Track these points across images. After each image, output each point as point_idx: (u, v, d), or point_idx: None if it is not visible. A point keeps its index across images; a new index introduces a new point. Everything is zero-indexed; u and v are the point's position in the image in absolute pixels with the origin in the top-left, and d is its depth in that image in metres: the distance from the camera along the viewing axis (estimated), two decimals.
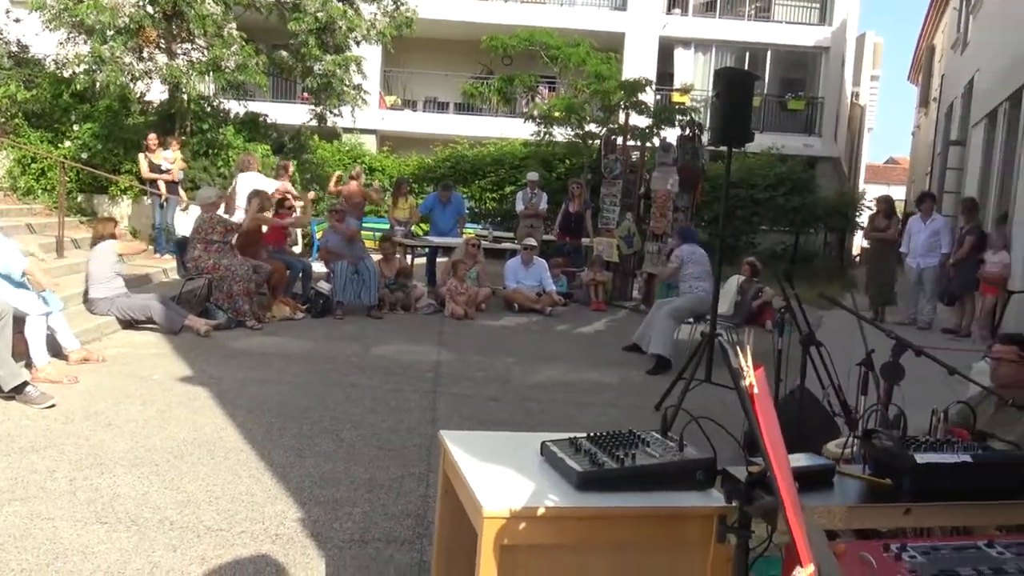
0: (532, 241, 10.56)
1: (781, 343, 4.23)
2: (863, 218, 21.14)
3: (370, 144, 19.25)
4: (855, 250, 24.87)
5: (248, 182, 9.72)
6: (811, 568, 1.23)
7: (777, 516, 1.51)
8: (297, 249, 12.19)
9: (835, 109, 21.93)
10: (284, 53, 13.40)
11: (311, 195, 11.37)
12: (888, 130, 50.64)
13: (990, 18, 13.25)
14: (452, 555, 2.47)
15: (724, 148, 5.57)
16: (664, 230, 10.29)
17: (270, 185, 10.20)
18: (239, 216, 8.88)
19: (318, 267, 10.09)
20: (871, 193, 31.20)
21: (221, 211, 8.40)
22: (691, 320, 7.60)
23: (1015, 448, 1.95)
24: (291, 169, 11.46)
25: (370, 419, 5.29)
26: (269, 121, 14.48)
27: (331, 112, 13.66)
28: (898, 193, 37.15)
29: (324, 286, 8.93)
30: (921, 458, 1.84)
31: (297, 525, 3.64)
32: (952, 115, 16.96)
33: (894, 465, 1.88)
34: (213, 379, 5.95)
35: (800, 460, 1.96)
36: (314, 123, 13.99)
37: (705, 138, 11.15)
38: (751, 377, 1.24)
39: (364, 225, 11.91)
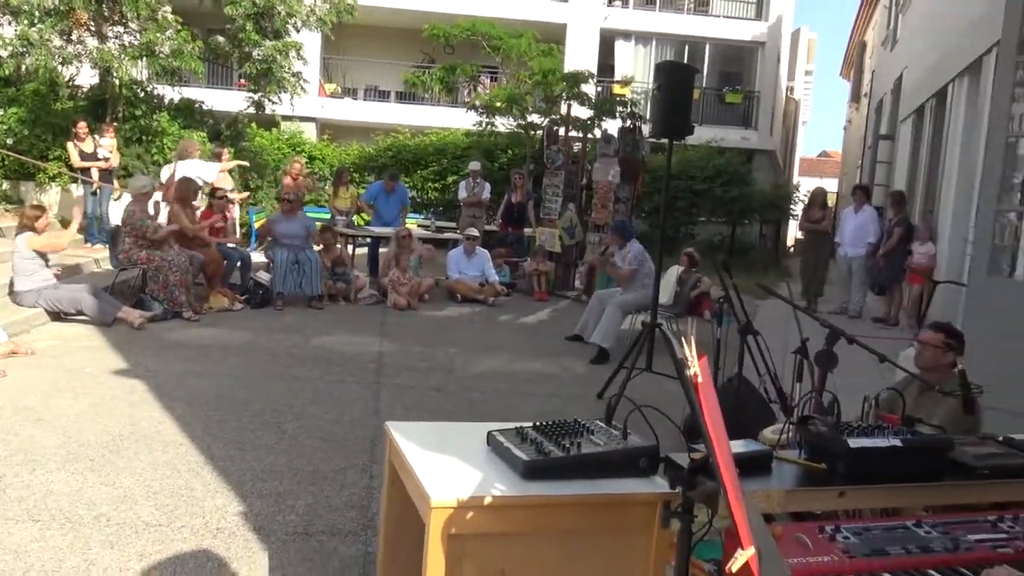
0: (474, 231, 10.56)
1: (720, 332, 4.33)
2: (798, 210, 21.70)
3: (310, 132, 18.97)
4: (790, 241, 25.49)
5: (188, 169, 9.49)
6: (752, 550, 1.27)
7: (718, 501, 1.55)
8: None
9: (771, 103, 22.40)
10: (221, 38, 13.11)
11: (243, 195, 11.14)
12: (821, 124, 52.00)
13: (918, 16, 13.69)
14: (398, 546, 2.47)
15: (664, 140, 5.65)
16: (606, 221, 10.39)
17: (210, 172, 9.98)
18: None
19: (257, 257, 9.92)
20: (805, 185, 31.95)
21: (159, 197, 8.20)
22: (634, 312, 7.69)
23: (941, 432, 2.05)
24: (226, 156, 11.19)
25: (312, 411, 5.24)
26: (205, 108, 14.15)
27: (269, 99, 13.42)
28: (831, 185, 38.08)
29: (263, 276, 8.80)
30: (854, 443, 1.92)
31: (239, 519, 3.60)
32: (882, 110, 17.50)
33: (828, 450, 1.95)
34: (149, 372, 5.82)
35: (739, 446, 2.02)
36: (252, 110, 13.72)
37: (646, 130, 11.29)
38: (696, 367, 1.28)
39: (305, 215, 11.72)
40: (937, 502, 2.00)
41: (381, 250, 11.18)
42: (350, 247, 11.02)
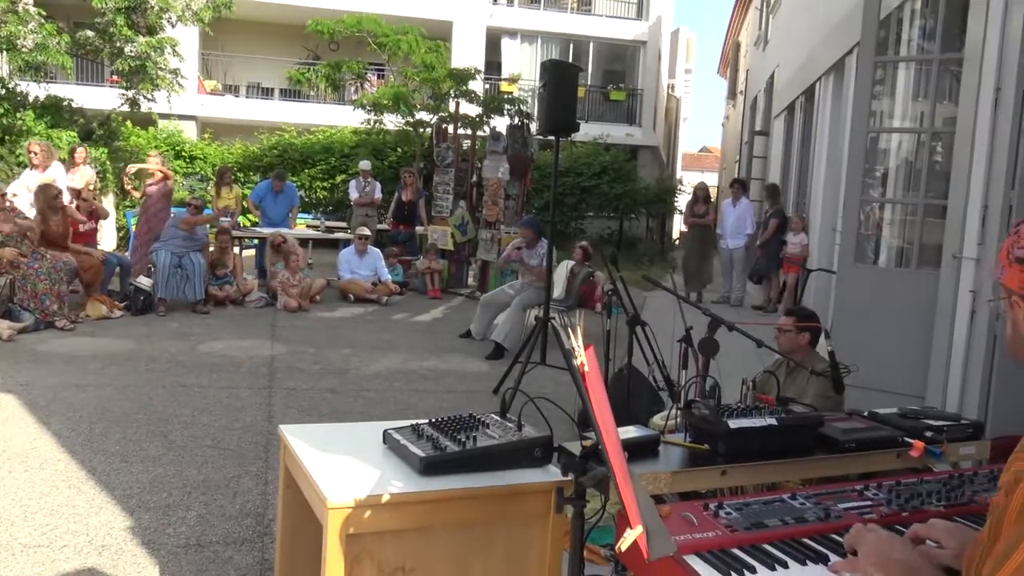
0: (366, 231, 10.46)
1: (609, 324, 4.45)
2: (681, 204, 22.42)
3: (190, 131, 18.29)
4: (675, 234, 26.32)
5: (47, 176, 8.97)
6: (640, 529, 1.33)
7: (609, 485, 1.62)
8: (111, 244, 11.42)
9: (653, 100, 23.08)
10: (90, 32, 12.46)
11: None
12: (702, 121, 53.92)
13: (787, 18, 14.39)
14: (296, 550, 2.45)
15: (552, 137, 5.76)
16: (496, 218, 10.48)
17: (79, 179, 9.49)
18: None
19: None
20: (687, 180, 33.03)
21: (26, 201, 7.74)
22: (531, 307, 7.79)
23: (812, 410, 2.19)
24: (83, 156, 10.50)
25: (202, 419, 5.09)
26: (75, 106, 13.43)
27: (145, 97, 12.87)
28: (711, 179, 39.54)
29: (144, 281, 8.44)
30: (734, 424, 2.02)
31: (126, 534, 3.46)
32: (756, 107, 18.30)
33: (711, 432, 2.05)
34: (22, 386, 5.50)
35: (628, 432, 2.10)
36: (126, 108, 13.12)
37: (534, 128, 11.44)
38: (582, 357, 1.33)
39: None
40: (811, 475, 2.14)
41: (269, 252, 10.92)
42: (237, 248, 10.71)
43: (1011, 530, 1.16)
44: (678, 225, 31.62)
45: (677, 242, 25.36)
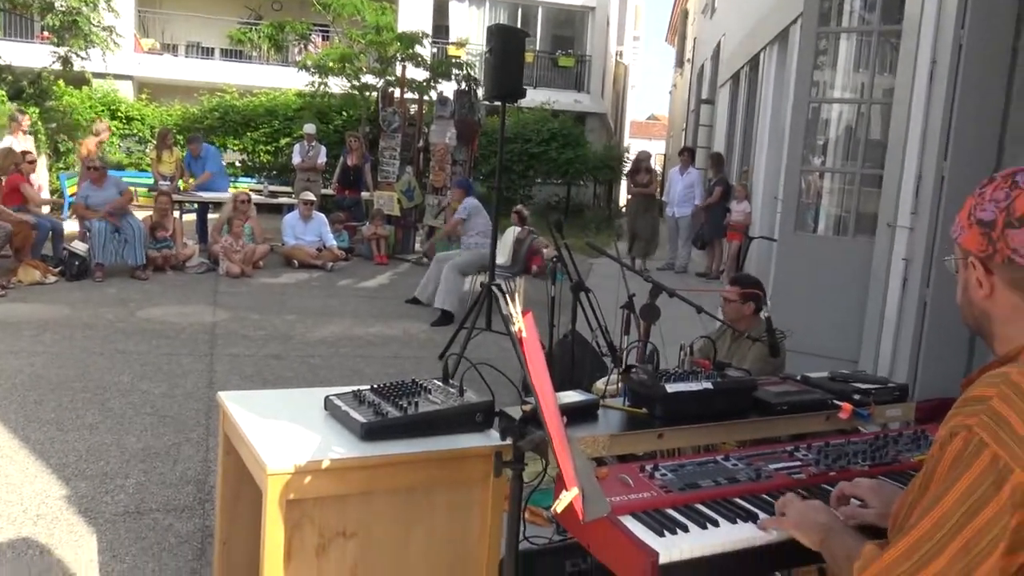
0: (310, 195, 10.30)
1: (554, 290, 4.48)
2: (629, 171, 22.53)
3: (126, 91, 17.71)
4: (622, 201, 26.46)
5: None
6: (575, 491, 1.36)
7: (547, 449, 1.64)
8: (45, 209, 11.04)
9: (601, 67, 23.06)
10: None
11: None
12: (650, 88, 54.08)
13: None
14: (236, 517, 2.44)
15: (498, 103, 5.72)
16: (444, 183, 10.42)
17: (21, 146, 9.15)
18: None
19: (71, 225, 9.25)
20: (636, 147, 33.16)
21: None
22: (475, 273, 7.81)
23: (747, 374, 2.24)
24: (26, 122, 10.19)
25: (141, 386, 5.00)
26: (3, 63, 12.88)
27: (77, 55, 12.40)
28: (659, 147, 39.79)
29: (80, 246, 8.21)
30: (671, 388, 2.06)
31: (62, 503, 3.41)
32: (703, 76, 18.43)
33: (648, 395, 2.09)
34: None
35: (569, 396, 2.13)
36: (58, 66, 12.63)
37: (481, 93, 11.34)
38: (520, 323, 1.34)
39: (124, 180, 10.98)
40: (744, 437, 2.20)
41: (210, 216, 10.71)
42: (177, 213, 10.45)
43: (940, 482, 1.21)
44: (624, 192, 31.87)
45: (624, 209, 25.59)
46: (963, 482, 1.17)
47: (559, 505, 1.34)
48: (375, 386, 2.32)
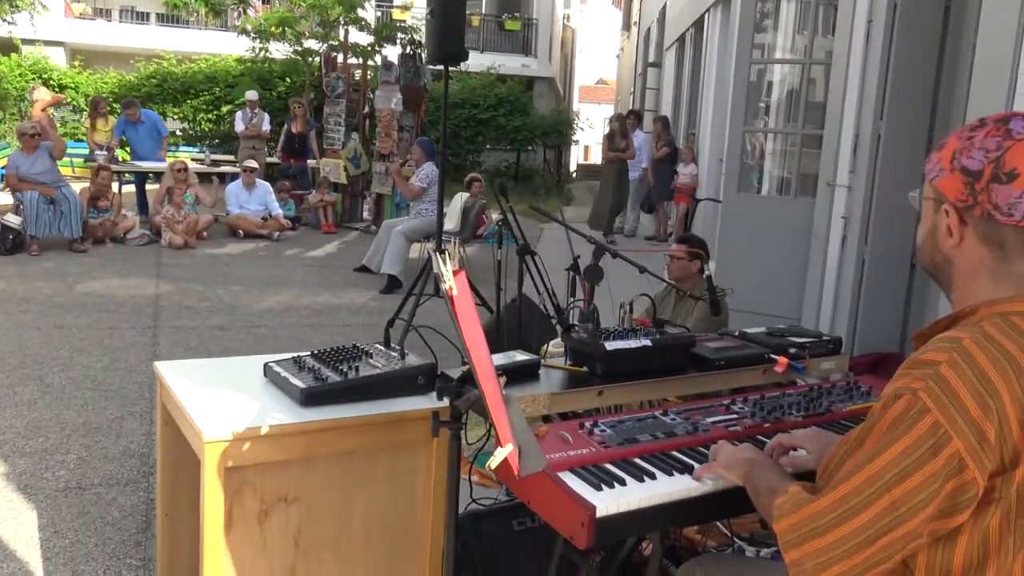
0: (253, 163, 10.10)
1: (500, 254, 4.48)
2: (579, 136, 22.51)
3: (58, 58, 17.07)
4: (572, 166, 26.47)
5: None
6: (510, 447, 1.37)
7: (486, 408, 1.64)
8: None
9: (548, 30, 22.90)
10: None
11: None
12: (597, 52, 53.80)
13: None
14: (178, 488, 2.40)
15: (450, 68, 5.64)
16: (390, 150, 10.28)
17: None
18: None
19: (5, 198, 8.94)
20: (585, 112, 33.08)
21: None
22: (423, 239, 7.75)
23: (685, 331, 2.27)
24: None
25: (81, 360, 4.89)
26: None
27: (3, 19, 11.90)
28: (608, 112, 39.79)
29: (13, 219, 7.94)
30: (610, 345, 2.08)
31: (0, 480, 3.33)
32: (649, 39, 18.42)
33: (588, 354, 2.10)
34: None
35: (511, 356, 2.14)
36: None
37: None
38: (450, 281, 1.34)
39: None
40: (683, 392, 2.23)
41: (149, 187, 10.44)
42: (116, 184, 10.16)
43: (878, 440, 1.22)
44: (575, 158, 31.83)
45: (575, 174, 25.57)
46: (901, 443, 1.18)
47: (494, 461, 1.35)
48: (315, 352, 2.30)
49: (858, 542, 1.21)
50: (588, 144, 42.68)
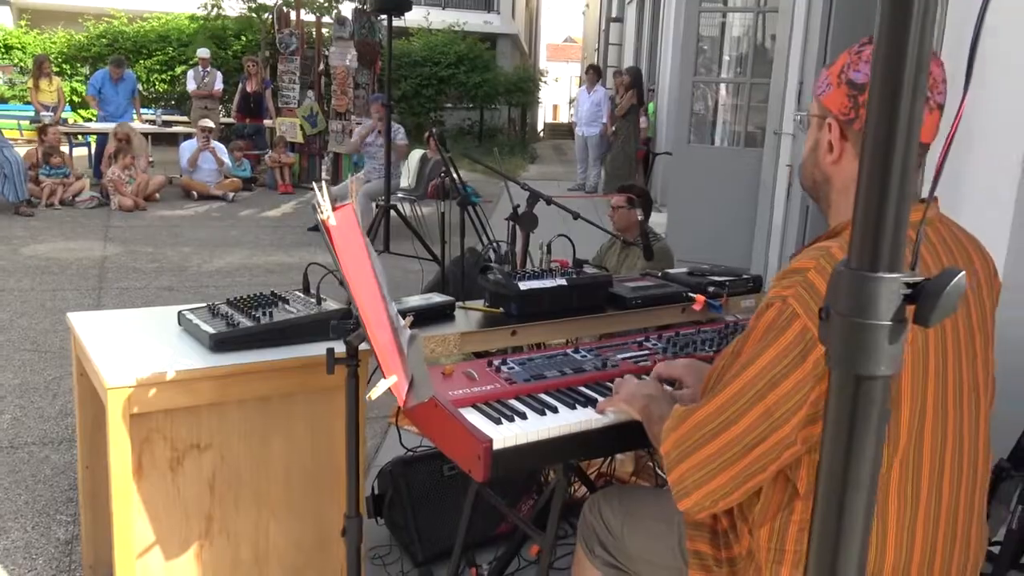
0: (208, 123, 9.90)
1: (443, 206, 4.44)
2: (543, 96, 22.31)
3: (4, 17, 16.52)
4: (540, 126, 26.28)
5: None
6: (394, 379, 1.36)
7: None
8: None
9: None
10: None
11: None
12: (565, 10, 53.30)
13: None
14: (97, 441, 2.37)
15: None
16: (346, 108, 10.13)
17: None
18: None
19: None
20: (553, 71, 32.72)
21: None
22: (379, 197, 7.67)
23: (603, 271, 2.27)
24: None
25: (21, 323, 4.81)
26: None
27: None
28: (575, 70, 39.52)
29: None
30: (524, 285, 2.07)
31: None
32: None
33: (503, 294, 2.10)
34: None
35: (426, 299, 2.12)
36: None
37: None
38: (328, 212, 1.31)
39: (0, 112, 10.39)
40: (598, 331, 2.24)
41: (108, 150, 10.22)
42: (66, 148, 9.93)
43: (752, 348, 1.23)
44: (543, 117, 31.58)
45: (541, 134, 25.41)
46: (772, 350, 1.19)
47: (374, 392, 1.34)
48: (230, 299, 2.27)
49: (735, 452, 1.22)
50: (557, 103, 42.43)
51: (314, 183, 1.33)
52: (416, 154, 8.89)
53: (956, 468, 1.26)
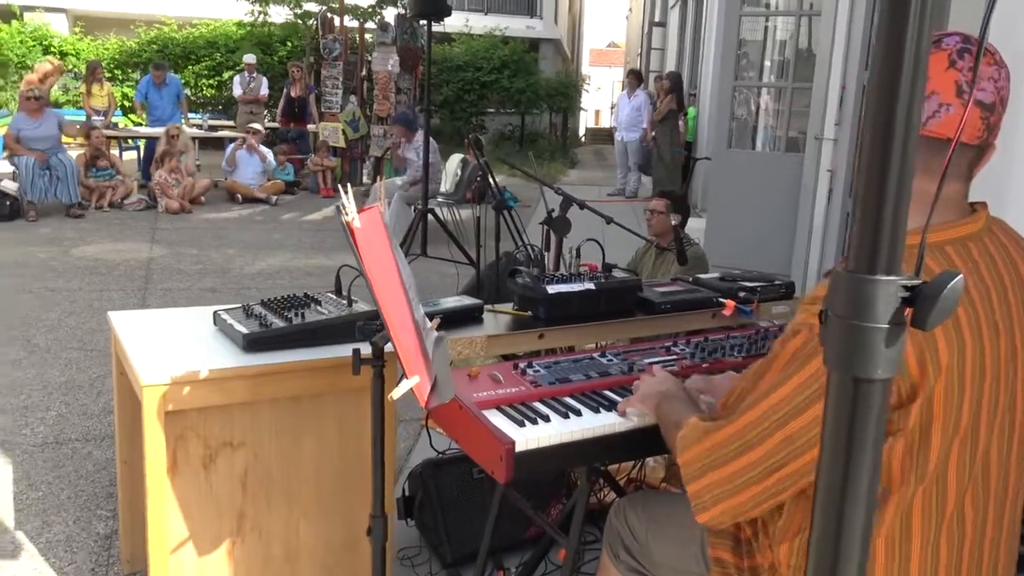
0: (257, 125, 10.08)
1: (479, 211, 4.47)
2: (586, 101, 22.22)
3: (60, 25, 17.01)
4: (581, 131, 26.22)
5: None
6: (416, 379, 1.37)
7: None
8: None
9: None
10: None
11: None
12: (608, 15, 53.22)
13: None
14: (135, 436, 2.42)
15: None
16: (388, 112, 10.23)
17: None
18: None
19: (5, 167, 8.97)
20: (595, 76, 32.61)
21: None
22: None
23: (632, 275, 2.26)
24: None
25: (69, 322, 4.94)
26: None
27: None
28: (618, 75, 39.36)
29: (10, 185, 7.99)
30: (552, 289, 2.08)
31: None
32: None
33: (532, 298, 2.10)
34: None
35: (455, 301, 2.14)
36: None
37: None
38: (353, 214, 1.33)
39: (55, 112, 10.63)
40: (627, 336, 2.23)
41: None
42: (115, 151, 10.19)
43: (776, 375, 1.22)
44: (585, 122, 31.54)
45: (583, 139, 25.36)
46: (797, 378, 1.18)
47: (396, 392, 1.35)
48: (265, 300, 2.31)
49: (755, 474, 1.21)
50: (599, 108, 42.35)
51: (339, 186, 1.36)
52: (455, 158, 8.93)
53: (982, 487, 1.24)
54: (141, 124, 11.25)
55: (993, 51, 1.22)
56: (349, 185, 1.36)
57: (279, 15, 14.14)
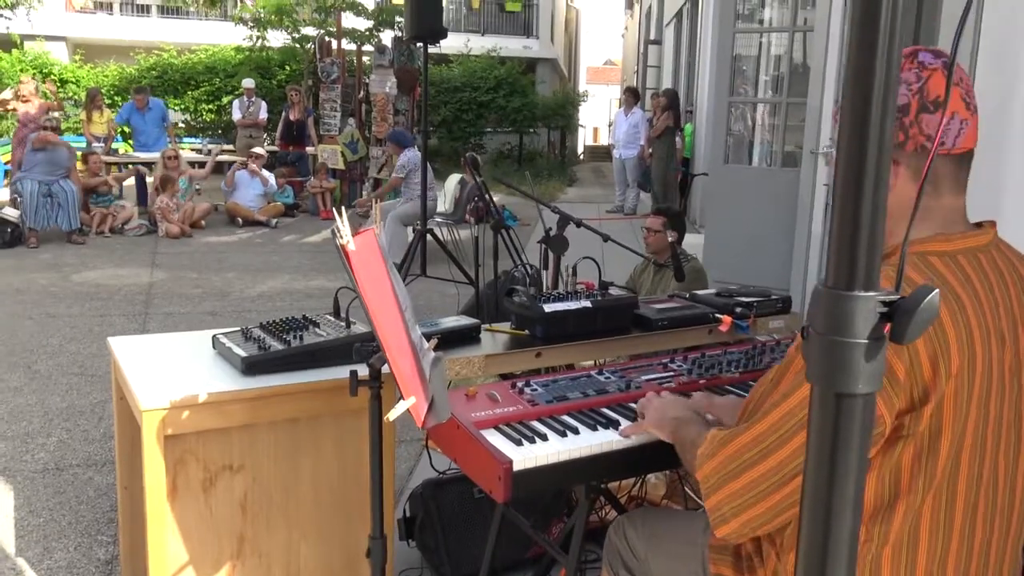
0: (259, 149, 10.15)
1: (476, 230, 4.48)
2: (583, 118, 22.33)
3: (60, 53, 17.15)
4: (580, 148, 26.32)
5: None
6: (412, 399, 1.38)
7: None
8: None
9: (550, 11, 22.76)
10: None
11: None
12: (604, 33, 53.64)
13: None
14: (135, 462, 2.42)
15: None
16: (386, 134, 10.28)
17: None
18: None
19: (4, 194, 9.02)
20: (593, 94, 32.80)
21: None
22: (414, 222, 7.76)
23: (629, 292, 2.27)
24: None
25: (69, 347, 4.95)
26: None
27: (2, 15, 11.96)
28: (614, 92, 39.52)
29: (11, 212, 8.02)
30: (549, 308, 2.09)
31: None
32: (650, 16, 18.28)
33: (528, 316, 2.11)
34: None
35: (453, 321, 2.15)
36: None
37: None
38: (347, 237, 1.34)
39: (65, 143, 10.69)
40: (623, 353, 2.24)
41: (148, 178, 10.50)
42: (118, 174, 10.22)
43: (791, 380, 1.22)
44: (583, 140, 31.66)
45: (581, 156, 25.45)
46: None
47: (392, 413, 1.36)
48: (263, 323, 2.32)
49: (772, 483, 1.21)
50: (597, 126, 42.53)
51: (333, 209, 1.37)
52: (454, 178, 8.98)
53: (991, 502, 1.24)
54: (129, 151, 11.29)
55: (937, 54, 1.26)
56: (344, 208, 1.37)
57: (277, 40, 14.25)
